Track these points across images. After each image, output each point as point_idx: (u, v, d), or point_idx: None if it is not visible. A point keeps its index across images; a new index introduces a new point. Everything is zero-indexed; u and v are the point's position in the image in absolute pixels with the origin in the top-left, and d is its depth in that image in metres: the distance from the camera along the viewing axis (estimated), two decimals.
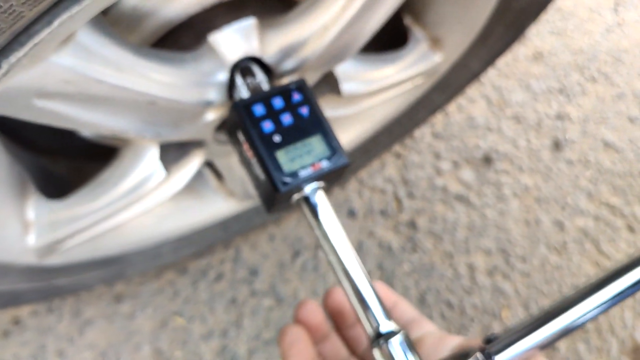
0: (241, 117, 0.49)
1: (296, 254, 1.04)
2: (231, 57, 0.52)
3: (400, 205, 1.11)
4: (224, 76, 0.52)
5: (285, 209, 0.52)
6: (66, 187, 0.64)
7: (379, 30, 0.59)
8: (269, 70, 0.55)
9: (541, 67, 1.32)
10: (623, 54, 1.36)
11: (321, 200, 0.50)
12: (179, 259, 0.95)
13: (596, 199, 1.15)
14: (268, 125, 0.49)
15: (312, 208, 0.50)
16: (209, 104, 0.53)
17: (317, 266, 1.03)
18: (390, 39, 0.77)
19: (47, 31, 0.32)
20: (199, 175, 0.78)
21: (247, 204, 0.85)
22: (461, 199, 1.13)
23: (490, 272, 1.06)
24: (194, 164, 0.67)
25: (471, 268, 1.06)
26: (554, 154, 1.20)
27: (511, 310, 1.02)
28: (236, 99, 0.53)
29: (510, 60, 1.32)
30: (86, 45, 0.40)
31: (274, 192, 0.48)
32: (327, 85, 0.69)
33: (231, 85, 0.53)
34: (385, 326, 0.45)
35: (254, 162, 0.49)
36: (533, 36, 1.37)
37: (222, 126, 0.59)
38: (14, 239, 0.60)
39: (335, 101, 0.71)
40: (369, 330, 0.46)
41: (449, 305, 1.02)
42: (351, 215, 1.09)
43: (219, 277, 1.01)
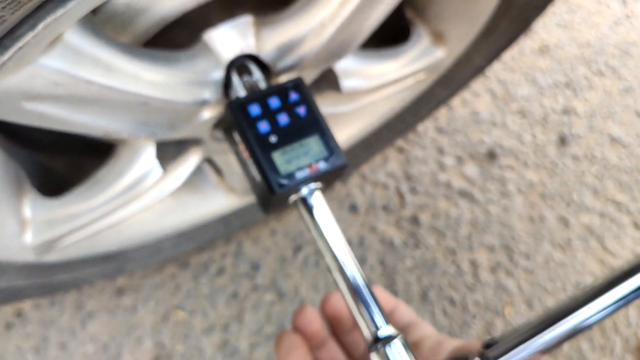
0: (236, 118, 0.48)
1: (298, 249, 1.04)
2: (227, 55, 0.51)
3: (402, 201, 1.10)
4: (219, 75, 0.52)
5: (283, 209, 0.52)
6: (63, 185, 0.64)
7: (380, 25, 0.58)
8: (266, 68, 0.54)
9: (547, 60, 1.30)
10: (631, 47, 1.33)
11: (318, 201, 0.49)
12: (179, 254, 0.95)
13: (602, 195, 1.13)
14: (264, 126, 0.48)
15: (309, 210, 0.49)
16: (204, 103, 0.52)
17: (319, 261, 1.03)
18: (391, 34, 0.76)
19: (31, 34, 0.31)
20: (199, 171, 0.78)
21: (247, 199, 0.85)
22: (465, 194, 1.12)
23: (494, 268, 1.05)
24: (191, 161, 0.67)
25: (474, 264, 1.05)
26: (559, 149, 1.18)
27: (514, 307, 1.02)
28: (232, 98, 0.52)
29: (515, 53, 1.30)
30: (75, 46, 0.39)
31: (270, 194, 0.47)
32: (327, 81, 0.68)
33: (227, 84, 0.52)
34: (383, 330, 0.44)
35: (249, 163, 0.49)
36: (539, 29, 1.34)
37: (219, 124, 0.59)
38: (10, 237, 0.60)
39: (335, 98, 0.70)
40: (366, 334, 0.45)
41: (452, 302, 1.02)
42: (353, 210, 1.08)
43: (221, 271, 1.01)
